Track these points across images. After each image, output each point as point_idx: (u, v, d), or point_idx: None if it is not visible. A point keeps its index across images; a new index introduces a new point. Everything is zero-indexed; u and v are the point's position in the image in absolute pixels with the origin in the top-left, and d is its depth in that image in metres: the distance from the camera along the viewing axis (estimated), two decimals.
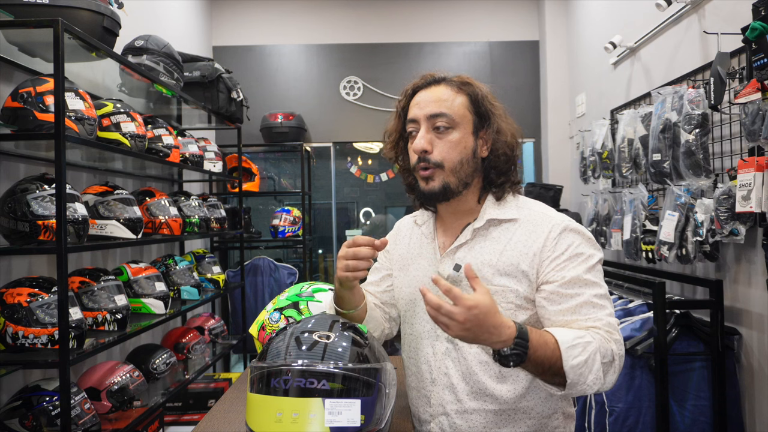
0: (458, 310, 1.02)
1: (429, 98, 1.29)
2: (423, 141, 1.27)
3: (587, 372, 1.10)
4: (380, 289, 1.50)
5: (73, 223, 1.87)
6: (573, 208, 4.52)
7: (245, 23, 4.95)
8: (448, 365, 1.29)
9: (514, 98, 4.88)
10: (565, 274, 1.20)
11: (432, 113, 1.27)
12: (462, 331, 1.04)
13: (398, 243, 1.48)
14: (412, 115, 1.31)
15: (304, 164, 4.63)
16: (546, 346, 1.10)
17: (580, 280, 1.20)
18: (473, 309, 1.02)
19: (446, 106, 1.28)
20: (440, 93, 1.29)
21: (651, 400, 2.44)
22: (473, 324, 1.03)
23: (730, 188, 2.18)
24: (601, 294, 1.21)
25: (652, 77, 3.20)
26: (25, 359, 1.80)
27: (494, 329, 1.05)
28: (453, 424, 1.28)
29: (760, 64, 1.81)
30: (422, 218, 1.44)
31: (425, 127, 1.28)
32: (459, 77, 1.33)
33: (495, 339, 1.05)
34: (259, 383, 1.08)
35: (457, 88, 1.30)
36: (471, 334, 1.04)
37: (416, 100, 1.31)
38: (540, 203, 1.37)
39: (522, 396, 1.26)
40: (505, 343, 1.06)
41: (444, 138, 1.27)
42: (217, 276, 3.38)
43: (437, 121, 1.27)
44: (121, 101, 2.36)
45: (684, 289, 2.88)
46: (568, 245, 1.23)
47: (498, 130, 1.31)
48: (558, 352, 1.10)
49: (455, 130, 1.28)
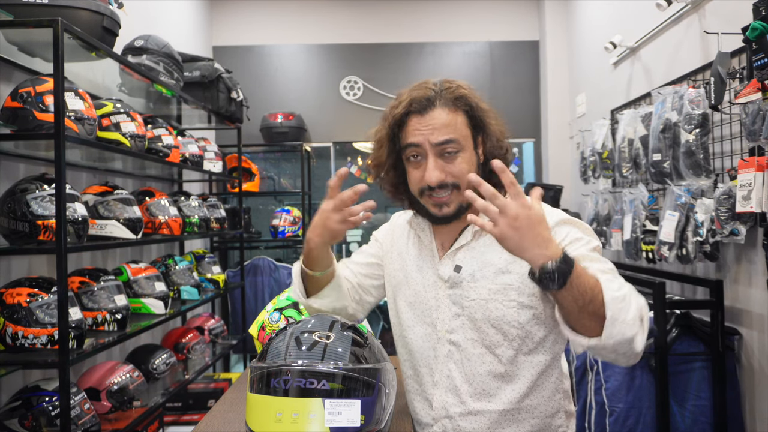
0: (514, 204, 0.99)
1: (432, 124, 1.23)
2: (437, 172, 1.22)
3: (627, 308, 1.03)
4: (363, 271, 1.46)
5: (73, 223, 1.87)
6: (573, 208, 4.52)
7: (245, 23, 4.95)
8: (451, 367, 1.28)
9: (514, 98, 4.88)
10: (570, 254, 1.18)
11: (440, 141, 1.22)
12: (509, 229, 0.99)
13: (397, 240, 1.45)
14: (415, 140, 1.24)
15: (304, 164, 4.63)
16: (587, 275, 1.03)
17: (586, 257, 1.15)
18: (527, 209, 0.99)
19: (452, 131, 1.23)
20: (442, 117, 1.23)
21: (651, 401, 2.44)
22: (523, 223, 0.98)
23: (730, 188, 2.18)
24: (610, 268, 1.16)
25: (653, 77, 3.20)
26: (25, 359, 1.80)
27: (541, 238, 1.00)
28: (457, 426, 1.27)
29: (761, 63, 1.81)
30: (416, 219, 1.41)
31: (433, 155, 1.23)
32: (450, 90, 1.26)
33: (541, 249, 1.00)
34: (259, 383, 1.08)
35: (453, 106, 1.25)
36: (517, 234, 0.99)
37: (414, 126, 1.25)
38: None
39: (526, 395, 1.26)
40: (550, 258, 0.99)
41: (454, 161, 1.24)
42: (217, 276, 3.38)
43: (447, 148, 1.23)
44: (121, 101, 2.36)
45: (684, 289, 2.88)
46: (565, 234, 1.22)
47: (490, 135, 1.29)
48: (599, 285, 1.04)
49: (463, 152, 1.25)
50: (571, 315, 1.06)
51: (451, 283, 1.30)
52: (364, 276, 1.47)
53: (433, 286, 1.32)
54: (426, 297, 1.33)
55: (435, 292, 1.32)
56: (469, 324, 1.27)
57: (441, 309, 1.30)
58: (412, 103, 1.25)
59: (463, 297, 1.28)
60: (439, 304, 1.31)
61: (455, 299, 1.29)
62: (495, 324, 1.25)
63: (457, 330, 1.28)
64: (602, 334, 1.03)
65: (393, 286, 1.42)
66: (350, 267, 1.48)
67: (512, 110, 4.75)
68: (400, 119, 1.27)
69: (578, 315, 1.05)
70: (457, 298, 1.28)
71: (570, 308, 1.05)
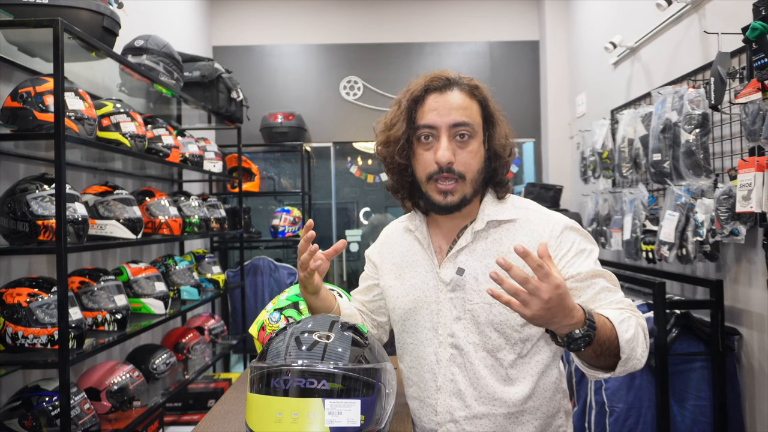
0: (546, 286, 0.98)
1: (449, 104, 1.24)
2: (448, 152, 1.22)
3: (636, 345, 1.11)
4: (368, 298, 1.49)
5: (73, 223, 1.87)
6: (573, 208, 4.51)
7: (245, 23, 4.95)
8: (454, 371, 1.28)
9: (514, 98, 4.88)
10: (578, 269, 1.22)
11: (455, 122, 1.23)
12: (541, 310, 0.99)
13: (390, 252, 1.43)
14: (430, 120, 1.24)
15: (304, 164, 4.63)
16: (605, 326, 1.09)
17: (593, 272, 1.22)
18: (559, 288, 0.99)
19: (467, 114, 1.24)
20: (459, 100, 1.25)
21: (651, 401, 2.44)
22: (555, 303, 0.99)
23: (730, 188, 2.18)
24: (611, 281, 1.24)
25: (653, 77, 3.20)
26: (25, 359, 1.80)
27: (569, 311, 1.02)
28: (462, 430, 1.27)
29: (761, 63, 1.81)
30: (413, 223, 1.38)
31: (447, 136, 1.23)
32: (468, 80, 1.28)
33: (569, 321, 1.02)
34: (259, 383, 1.08)
35: (470, 93, 1.26)
36: (549, 314, 1.00)
37: (432, 105, 1.25)
38: (533, 202, 1.36)
39: (528, 397, 1.26)
40: (576, 325, 1.03)
41: (465, 148, 1.24)
42: (217, 276, 3.38)
43: (461, 130, 1.23)
44: (121, 101, 2.36)
45: (684, 289, 2.88)
46: (571, 243, 1.25)
47: (498, 135, 1.29)
48: (615, 330, 1.10)
49: (474, 139, 1.25)
50: (588, 358, 1.12)
51: (453, 286, 1.29)
52: (370, 302, 1.49)
53: (434, 289, 1.31)
54: (426, 301, 1.32)
55: (436, 295, 1.31)
56: (471, 327, 1.26)
57: (442, 312, 1.29)
58: (432, 80, 1.27)
59: (466, 300, 1.27)
60: (440, 308, 1.30)
61: (456, 302, 1.28)
62: (498, 328, 1.25)
63: (458, 333, 1.27)
64: (615, 369, 1.13)
65: (391, 296, 1.40)
66: (357, 298, 1.51)
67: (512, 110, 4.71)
68: (420, 95, 1.27)
69: (596, 359, 1.11)
70: (459, 301, 1.28)
71: (590, 356, 1.10)
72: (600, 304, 1.20)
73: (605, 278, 1.23)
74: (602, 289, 1.21)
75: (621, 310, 1.17)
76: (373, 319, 1.49)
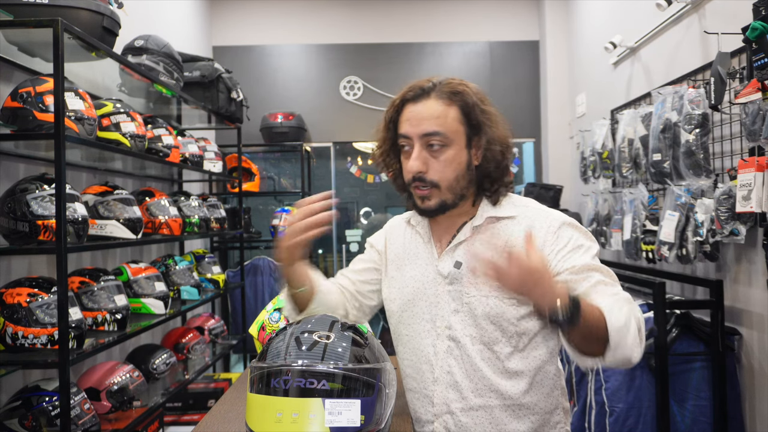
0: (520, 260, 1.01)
1: (421, 114, 1.25)
2: (418, 162, 1.25)
3: (627, 334, 1.10)
4: (360, 277, 1.47)
5: (73, 223, 1.87)
6: (573, 208, 4.52)
7: (245, 23, 4.95)
8: (451, 363, 1.29)
9: (514, 98, 4.87)
10: (573, 263, 1.22)
11: (425, 132, 1.24)
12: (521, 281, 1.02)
13: (392, 242, 1.46)
14: (404, 131, 1.28)
15: (304, 164, 4.63)
16: (593, 309, 1.10)
17: (589, 266, 1.22)
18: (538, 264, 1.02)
19: (439, 123, 1.24)
20: (432, 108, 1.25)
21: (651, 401, 2.44)
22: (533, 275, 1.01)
23: (730, 188, 2.18)
24: (608, 276, 1.23)
25: (652, 77, 3.20)
26: (25, 359, 1.80)
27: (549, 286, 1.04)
28: (458, 422, 1.27)
29: (761, 63, 1.81)
30: (416, 218, 1.41)
31: (419, 146, 1.25)
32: (450, 85, 1.27)
33: (550, 291, 1.04)
34: (259, 383, 1.08)
35: (448, 99, 1.25)
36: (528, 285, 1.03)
37: (407, 115, 1.28)
38: (533, 201, 1.37)
39: (526, 392, 1.26)
40: (559, 297, 1.04)
41: (439, 157, 1.25)
42: (217, 276, 3.38)
43: (431, 140, 1.25)
44: (121, 101, 2.36)
45: (684, 289, 2.88)
46: (568, 238, 1.25)
47: (490, 139, 1.28)
48: (603, 316, 1.10)
49: (449, 148, 1.25)
50: (577, 341, 1.14)
51: (451, 279, 1.30)
52: (362, 282, 1.47)
53: (433, 282, 1.33)
54: (425, 293, 1.33)
55: (434, 288, 1.33)
56: (468, 320, 1.28)
57: (440, 305, 1.31)
58: (409, 90, 1.29)
59: (463, 293, 1.28)
60: (439, 300, 1.31)
61: (455, 295, 1.30)
62: (494, 320, 1.26)
63: (455, 326, 1.29)
64: (605, 356, 1.12)
65: (391, 285, 1.42)
66: (347, 275, 1.49)
67: (512, 110, 4.74)
68: (398, 106, 1.31)
69: (585, 343, 1.13)
70: (457, 294, 1.29)
71: (578, 341, 1.13)
72: (595, 297, 1.19)
73: (601, 273, 1.22)
74: (598, 282, 1.20)
75: (616, 301, 1.16)
76: (356, 300, 1.46)
